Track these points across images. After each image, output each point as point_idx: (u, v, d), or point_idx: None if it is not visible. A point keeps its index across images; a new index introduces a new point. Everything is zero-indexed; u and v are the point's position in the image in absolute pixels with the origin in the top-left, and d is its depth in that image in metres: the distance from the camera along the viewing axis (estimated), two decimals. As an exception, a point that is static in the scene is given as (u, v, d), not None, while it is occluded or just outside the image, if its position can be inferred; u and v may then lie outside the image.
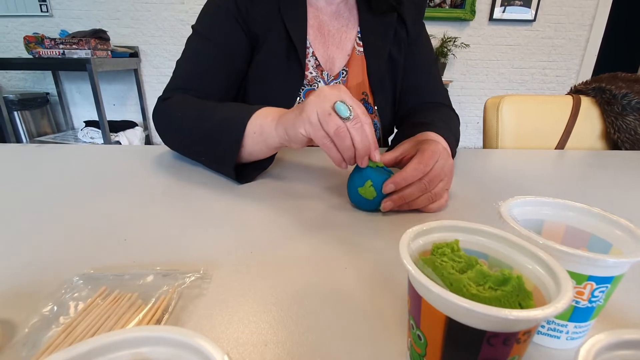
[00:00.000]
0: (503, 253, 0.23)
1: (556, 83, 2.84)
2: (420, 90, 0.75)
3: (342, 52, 0.72)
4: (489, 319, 0.17)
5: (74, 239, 0.39)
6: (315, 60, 0.70)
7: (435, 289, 0.18)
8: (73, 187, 0.53)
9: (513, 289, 0.20)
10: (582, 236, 0.28)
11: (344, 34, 0.72)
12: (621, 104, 0.89)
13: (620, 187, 0.61)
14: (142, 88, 2.74)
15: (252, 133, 0.51)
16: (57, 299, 0.29)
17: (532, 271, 0.21)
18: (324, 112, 0.41)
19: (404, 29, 0.73)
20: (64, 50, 2.16)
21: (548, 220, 0.30)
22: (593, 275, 0.23)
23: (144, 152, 0.69)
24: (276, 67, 0.67)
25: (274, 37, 0.66)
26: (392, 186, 0.44)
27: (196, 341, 0.14)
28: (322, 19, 0.71)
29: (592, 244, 0.28)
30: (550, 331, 0.26)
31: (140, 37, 2.63)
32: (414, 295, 0.21)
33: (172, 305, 0.29)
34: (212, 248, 0.38)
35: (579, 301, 0.24)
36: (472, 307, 0.17)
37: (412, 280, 0.20)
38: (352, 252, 0.38)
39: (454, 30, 2.67)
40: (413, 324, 0.21)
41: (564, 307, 0.17)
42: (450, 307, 0.18)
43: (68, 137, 2.60)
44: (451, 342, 0.19)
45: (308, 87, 0.70)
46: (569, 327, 0.26)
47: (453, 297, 0.17)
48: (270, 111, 0.51)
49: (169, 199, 0.50)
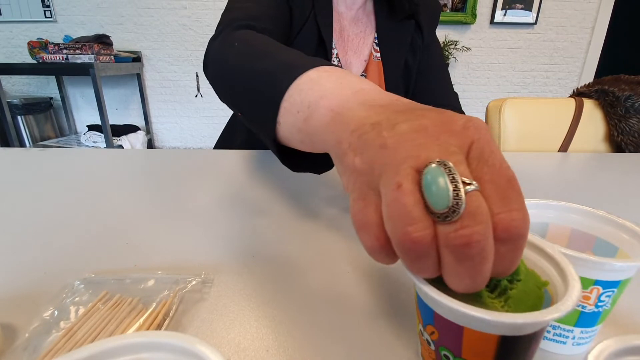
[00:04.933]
0: None
1: (558, 86, 2.84)
2: (431, 93, 0.76)
3: (359, 57, 0.72)
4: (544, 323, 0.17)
5: (76, 243, 0.39)
6: (338, 62, 0.70)
7: (486, 316, 0.17)
8: (75, 191, 0.53)
9: (526, 276, 0.20)
10: (588, 239, 0.28)
11: (361, 39, 0.72)
12: (624, 106, 0.89)
13: (625, 190, 0.60)
14: (144, 92, 2.76)
15: (295, 112, 0.29)
16: (58, 303, 0.29)
17: (542, 268, 0.21)
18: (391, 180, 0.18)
19: (420, 36, 0.73)
20: (68, 55, 2.18)
21: (553, 223, 0.29)
22: (600, 280, 0.23)
23: (146, 156, 0.69)
24: None
25: (306, 32, 0.65)
26: None
27: (197, 347, 0.14)
28: (342, 24, 0.72)
29: (598, 247, 0.27)
30: (555, 336, 0.26)
31: (143, 42, 2.65)
32: (447, 326, 0.19)
33: (173, 309, 0.29)
34: (214, 252, 0.38)
35: (585, 306, 0.24)
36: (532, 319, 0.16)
37: (448, 312, 0.19)
38: (355, 256, 0.38)
39: (455, 34, 2.67)
40: (449, 355, 0.20)
41: (577, 297, 0.17)
42: (505, 327, 0.17)
43: (71, 142, 2.61)
44: (504, 355, 0.19)
45: None
46: (575, 333, 0.25)
47: (508, 317, 0.16)
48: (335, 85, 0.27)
49: (171, 203, 0.50)
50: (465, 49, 2.68)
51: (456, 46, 2.64)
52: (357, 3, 0.71)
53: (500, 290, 0.20)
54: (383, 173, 0.19)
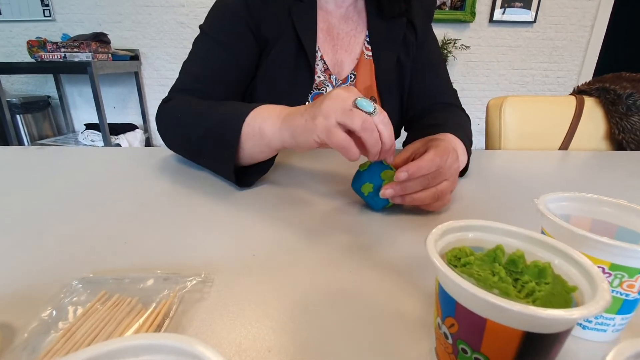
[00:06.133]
0: (535, 253, 0.23)
1: (557, 84, 2.83)
2: (430, 91, 0.75)
3: (350, 55, 0.72)
4: (570, 321, 0.17)
5: (74, 242, 0.38)
6: (323, 64, 0.70)
7: (512, 307, 0.16)
8: (73, 190, 0.52)
9: (554, 280, 0.20)
10: (609, 228, 0.29)
11: (352, 37, 0.72)
12: (626, 104, 0.89)
13: (627, 189, 0.60)
14: (142, 91, 2.74)
15: (252, 134, 0.48)
16: (57, 303, 0.29)
17: (569, 274, 0.21)
18: (345, 111, 0.39)
19: (413, 34, 0.72)
20: (66, 53, 2.18)
21: (574, 215, 0.31)
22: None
23: (144, 154, 0.68)
24: (285, 71, 0.67)
25: (284, 41, 0.65)
26: (405, 174, 0.42)
27: (197, 349, 0.13)
28: (331, 22, 0.71)
29: (620, 235, 0.29)
30: (597, 325, 0.26)
31: (141, 40, 2.64)
32: (469, 318, 0.19)
33: (173, 310, 0.29)
34: (214, 251, 0.37)
35: (629, 294, 0.25)
36: (560, 315, 0.16)
37: (472, 302, 0.18)
38: (356, 255, 0.37)
39: (454, 32, 2.67)
40: (467, 349, 0.20)
41: (609, 299, 0.17)
42: (531, 321, 0.17)
43: (69, 140, 2.60)
44: (527, 355, 0.18)
45: (316, 91, 0.70)
46: (616, 320, 0.26)
47: (535, 310, 0.16)
48: (270, 111, 0.48)
49: (170, 202, 0.49)
50: (464, 47, 2.67)
51: (455, 44, 2.63)
52: (347, 1, 0.71)
53: (528, 291, 0.20)
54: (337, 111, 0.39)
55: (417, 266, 0.36)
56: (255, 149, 0.50)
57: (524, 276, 0.21)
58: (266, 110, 0.49)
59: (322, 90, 0.70)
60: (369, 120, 0.39)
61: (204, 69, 0.64)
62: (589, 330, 0.27)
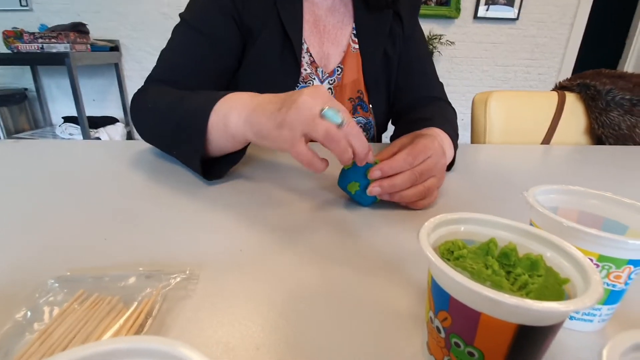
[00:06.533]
0: (526, 246, 0.23)
1: (538, 81, 2.90)
2: (416, 85, 0.75)
3: (337, 48, 0.71)
4: (564, 314, 0.17)
5: (49, 239, 0.37)
6: (309, 57, 0.68)
7: (508, 300, 0.16)
8: (49, 184, 0.50)
9: (546, 272, 0.20)
10: (595, 220, 0.30)
11: (339, 30, 0.71)
12: (605, 100, 0.91)
13: (605, 182, 0.61)
14: (123, 83, 2.66)
15: (217, 125, 0.46)
16: (31, 304, 0.27)
17: (559, 265, 0.21)
18: (309, 120, 0.37)
19: (399, 26, 0.72)
20: (43, 44, 2.11)
21: (561, 207, 0.31)
22: (633, 259, 0.24)
23: (124, 148, 0.66)
24: (270, 63, 0.65)
25: (269, 32, 0.63)
26: (378, 172, 0.42)
27: (180, 351, 0.13)
28: (317, 14, 0.69)
29: (606, 227, 0.29)
30: (584, 316, 0.27)
31: (122, 31, 2.55)
32: (463, 311, 0.19)
33: (157, 308, 0.27)
34: (199, 247, 0.36)
35: (615, 285, 0.25)
36: (555, 308, 0.16)
37: (466, 295, 0.18)
38: (346, 250, 0.37)
39: (439, 28, 2.69)
40: (459, 342, 0.19)
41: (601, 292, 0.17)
42: (525, 313, 0.17)
43: (46, 134, 2.51)
44: (519, 348, 0.18)
45: (303, 85, 0.68)
46: (603, 310, 0.27)
47: (530, 303, 0.16)
48: (236, 102, 0.45)
49: (152, 196, 0.47)
50: (449, 43, 2.70)
51: (440, 40, 2.65)
52: None
53: (521, 284, 0.20)
54: (302, 123, 0.37)
55: (407, 260, 0.35)
56: (221, 140, 0.47)
57: (516, 269, 0.21)
58: (233, 99, 0.46)
59: (308, 83, 0.68)
60: (333, 131, 0.37)
61: (183, 59, 0.62)
62: (576, 321, 0.27)
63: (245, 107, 0.44)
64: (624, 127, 0.90)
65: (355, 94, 0.72)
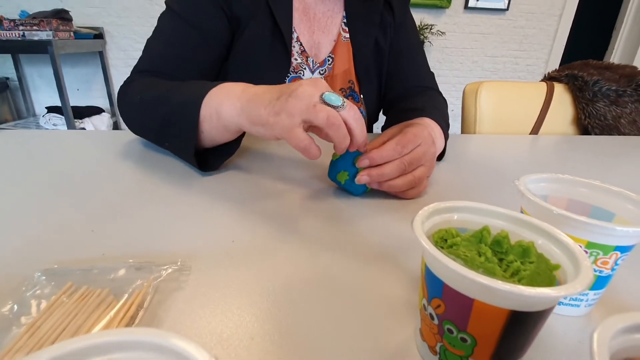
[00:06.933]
0: (518, 233, 0.23)
1: (526, 72, 2.92)
2: (407, 75, 0.74)
3: (327, 37, 0.69)
4: (555, 299, 0.17)
5: (35, 232, 0.36)
6: (300, 46, 0.67)
7: (501, 287, 0.16)
8: (34, 176, 0.48)
9: (538, 259, 0.20)
10: (584, 208, 0.31)
11: (329, 18, 0.69)
12: (592, 91, 0.92)
13: (591, 171, 0.63)
14: (108, 72, 2.59)
15: (209, 117, 0.45)
16: (18, 297, 0.27)
17: (550, 252, 0.22)
18: (309, 107, 0.37)
19: (390, 15, 0.71)
20: (24, 31, 2.03)
21: (551, 196, 0.32)
22: (619, 246, 0.25)
23: (111, 138, 0.65)
24: (260, 53, 0.63)
25: (258, 21, 0.62)
26: (366, 161, 0.42)
27: (173, 342, 0.12)
28: (307, 2, 0.68)
29: (594, 214, 0.30)
30: (572, 301, 0.28)
31: (106, 18, 2.47)
32: (456, 298, 0.19)
33: (148, 300, 0.27)
34: (190, 238, 0.36)
35: (602, 270, 0.26)
36: (546, 293, 0.16)
37: (460, 282, 0.18)
38: (338, 239, 0.37)
39: (430, 18, 2.68)
40: (452, 329, 0.20)
41: (591, 277, 0.18)
42: (517, 299, 0.17)
43: (29, 124, 2.44)
44: (511, 334, 0.18)
45: (293, 75, 0.67)
46: (589, 295, 0.27)
47: (522, 289, 0.16)
48: (229, 91, 0.45)
49: (140, 188, 0.46)
50: (440, 33, 2.69)
51: (431, 30, 2.64)
52: None
53: (513, 271, 0.20)
54: (303, 110, 0.37)
55: (399, 248, 0.36)
56: (213, 131, 0.47)
57: (508, 256, 0.21)
58: (225, 90, 0.45)
59: (299, 73, 0.67)
60: (334, 115, 0.37)
61: (170, 49, 0.60)
62: (563, 306, 0.28)
63: (239, 98, 0.43)
64: (609, 118, 0.92)
65: (347, 84, 0.71)
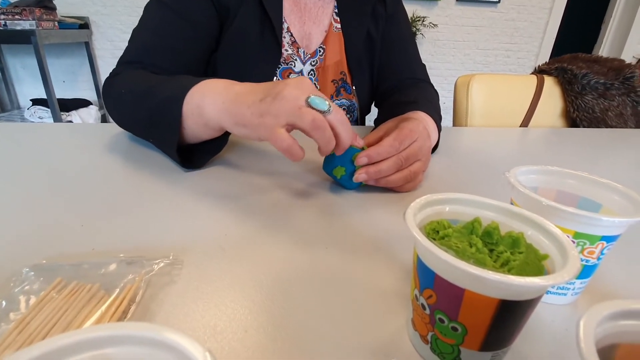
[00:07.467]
0: (508, 224, 0.24)
1: (517, 65, 2.94)
2: (400, 67, 0.74)
3: (319, 28, 0.69)
4: (543, 288, 0.17)
5: (23, 227, 0.35)
6: (290, 37, 0.66)
7: (491, 277, 0.17)
8: (20, 170, 0.47)
9: (527, 249, 0.21)
10: (572, 199, 0.31)
11: (320, 8, 0.68)
12: (581, 84, 0.93)
13: (579, 163, 0.64)
14: (94, 63, 2.53)
15: (191, 112, 0.44)
16: (6, 293, 0.26)
17: (538, 242, 0.22)
18: (294, 110, 0.36)
19: (382, 5, 0.70)
20: (6, 21, 1.97)
21: (541, 187, 0.32)
22: (606, 235, 0.25)
23: (99, 131, 0.63)
24: (250, 44, 0.62)
25: (247, 11, 0.60)
26: (365, 159, 0.42)
27: (166, 336, 0.12)
28: None
29: (582, 205, 0.31)
30: (559, 290, 0.28)
31: (91, 7, 2.41)
32: (447, 288, 0.19)
33: (140, 294, 0.27)
34: (182, 232, 0.35)
35: (589, 260, 0.26)
36: (535, 282, 0.16)
37: (451, 273, 0.19)
38: (331, 231, 0.37)
39: (422, 10, 2.67)
40: (444, 318, 0.20)
41: (579, 267, 0.18)
42: (507, 289, 0.17)
43: (14, 117, 2.38)
44: (501, 322, 0.19)
45: (284, 66, 0.66)
46: (576, 284, 0.28)
47: (512, 279, 0.17)
48: (210, 89, 0.44)
49: (130, 181, 0.46)
50: (432, 25, 2.69)
51: (423, 22, 2.64)
52: None
53: (503, 261, 0.20)
54: (288, 113, 0.37)
55: (391, 241, 0.36)
56: (195, 127, 0.45)
57: (499, 247, 0.22)
58: (208, 87, 0.44)
59: (290, 64, 0.67)
60: (320, 119, 0.36)
61: (157, 39, 0.58)
62: (550, 295, 0.29)
63: (221, 95, 0.42)
64: (597, 111, 0.93)
65: (339, 76, 0.71)
